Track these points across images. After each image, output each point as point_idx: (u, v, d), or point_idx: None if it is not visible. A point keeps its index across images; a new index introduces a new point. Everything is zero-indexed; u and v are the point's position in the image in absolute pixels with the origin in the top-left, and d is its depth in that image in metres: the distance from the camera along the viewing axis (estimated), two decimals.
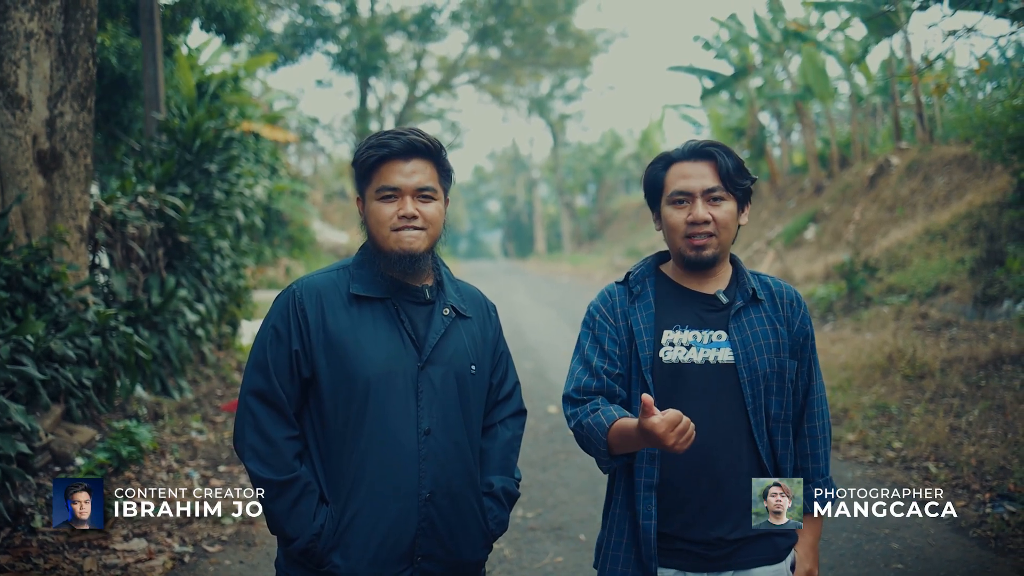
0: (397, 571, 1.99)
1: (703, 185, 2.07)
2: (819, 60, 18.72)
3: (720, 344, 2.07)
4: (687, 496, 2.04)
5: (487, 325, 2.24)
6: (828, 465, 2.14)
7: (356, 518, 1.98)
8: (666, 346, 2.09)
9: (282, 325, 2.04)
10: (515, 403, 2.30)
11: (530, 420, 7.29)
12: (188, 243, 7.79)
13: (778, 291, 2.16)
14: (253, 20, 10.96)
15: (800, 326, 2.14)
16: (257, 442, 2.00)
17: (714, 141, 2.13)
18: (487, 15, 27.55)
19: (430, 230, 2.06)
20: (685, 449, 1.82)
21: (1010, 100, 10.00)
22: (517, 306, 18.11)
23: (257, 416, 2.01)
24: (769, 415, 2.07)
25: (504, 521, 2.17)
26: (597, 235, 42.48)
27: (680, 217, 2.09)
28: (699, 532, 2.03)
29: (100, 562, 4.03)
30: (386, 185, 2.03)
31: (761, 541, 2.05)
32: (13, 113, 5.38)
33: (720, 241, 2.09)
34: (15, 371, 4.51)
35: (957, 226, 11.58)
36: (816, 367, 2.17)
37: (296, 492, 1.97)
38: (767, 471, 2.05)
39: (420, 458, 2.00)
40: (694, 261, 2.09)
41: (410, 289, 2.09)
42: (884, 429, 6.25)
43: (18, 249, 5.19)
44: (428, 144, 2.06)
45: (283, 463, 1.98)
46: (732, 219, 2.10)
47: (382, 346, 2.02)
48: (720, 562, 2.04)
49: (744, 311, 2.11)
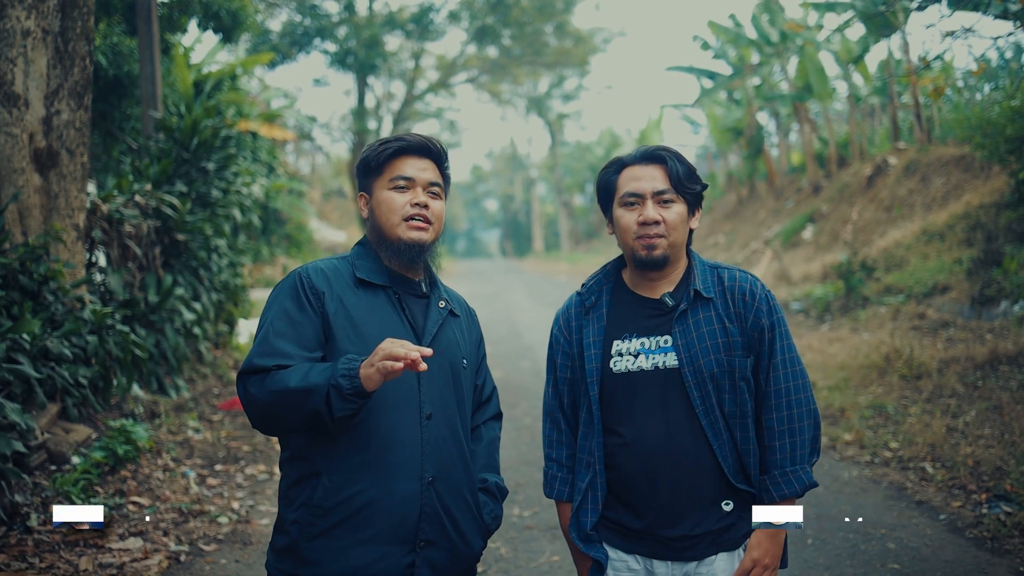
0: (400, 554, 1.99)
1: (653, 187, 2.12)
2: (817, 60, 18.73)
3: (666, 349, 2.10)
4: (648, 498, 2.10)
5: (472, 326, 2.32)
6: (795, 457, 2.09)
7: (361, 496, 1.97)
8: (615, 356, 2.14)
9: (292, 303, 2.03)
10: (495, 406, 2.37)
11: (527, 419, 7.29)
12: (185, 241, 7.78)
13: (731, 286, 2.14)
14: (250, 19, 10.94)
15: (755, 320, 2.11)
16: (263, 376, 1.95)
17: (665, 147, 2.18)
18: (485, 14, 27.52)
19: (436, 225, 2.14)
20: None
21: (1008, 101, 10.01)
22: (515, 305, 18.11)
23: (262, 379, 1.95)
24: (724, 413, 2.08)
25: (499, 516, 2.22)
26: (595, 234, 42.50)
27: (631, 218, 2.13)
28: (664, 530, 2.10)
29: (96, 561, 4.02)
30: (401, 174, 2.11)
31: (722, 532, 2.11)
32: (10, 111, 5.37)
33: (670, 242, 2.12)
34: (11, 369, 4.50)
35: (954, 226, 11.59)
36: (781, 358, 2.11)
37: (307, 365, 1.94)
38: (725, 470, 2.08)
39: (423, 441, 2.03)
40: (645, 260, 2.12)
41: (408, 282, 2.15)
42: (881, 429, 6.25)
43: (14, 247, 5.18)
44: (439, 149, 2.17)
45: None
46: (682, 221, 2.13)
47: (387, 330, 2.05)
48: (685, 552, 2.10)
49: (689, 312, 2.11)
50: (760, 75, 21.97)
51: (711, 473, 2.08)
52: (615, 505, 2.16)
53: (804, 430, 2.11)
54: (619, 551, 2.16)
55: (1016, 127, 9.35)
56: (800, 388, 2.12)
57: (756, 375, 2.12)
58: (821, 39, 18.77)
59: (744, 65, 21.73)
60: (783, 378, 2.11)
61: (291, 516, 2.02)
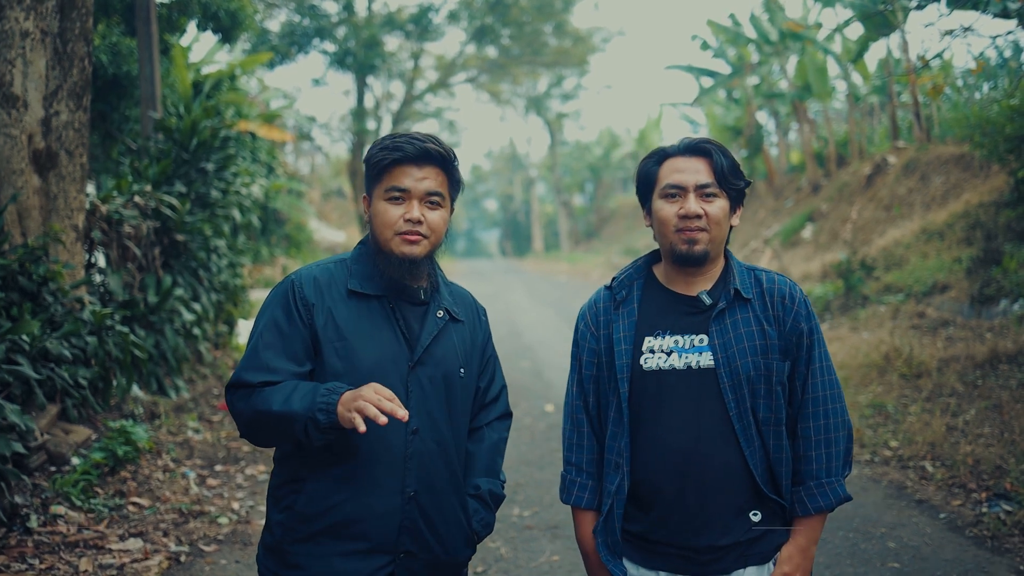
0: (379, 563, 1.99)
1: (697, 180, 2.03)
2: (817, 59, 18.73)
3: (702, 348, 2.02)
4: (674, 504, 2.01)
5: (477, 329, 2.25)
6: (830, 468, 2.02)
7: (342, 508, 1.98)
8: (647, 353, 2.05)
9: (282, 314, 2.02)
10: (501, 406, 2.32)
11: (527, 419, 7.29)
12: (184, 242, 7.78)
13: (769, 288, 2.06)
14: (249, 19, 10.93)
15: (793, 324, 2.04)
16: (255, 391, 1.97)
17: (711, 139, 2.08)
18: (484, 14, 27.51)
19: (432, 237, 2.06)
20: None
21: (1007, 100, 10.01)
22: (515, 305, 18.11)
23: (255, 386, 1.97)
24: (758, 418, 2.00)
25: (490, 523, 2.18)
26: (594, 234, 42.51)
27: (671, 210, 2.04)
28: (688, 539, 2.00)
29: (96, 562, 4.02)
30: (396, 186, 2.03)
31: (750, 544, 2.01)
32: (9, 112, 5.36)
33: (711, 237, 2.03)
34: (11, 371, 4.50)
35: (954, 225, 11.59)
36: (819, 365, 2.04)
37: (292, 384, 1.95)
38: (756, 476, 1.99)
39: (406, 456, 2.00)
40: (685, 256, 2.03)
41: (407, 289, 2.10)
42: (881, 428, 6.25)
43: (14, 248, 5.17)
44: (443, 152, 2.06)
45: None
46: (724, 216, 2.04)
47: (377, 343, 2.02)
48: (712, 565, 2.01)
49: (728, 312, 2.03)
50: (759, 74, 21.97)
51: (740, 480, 1.99)
52: (637, 515, 2.07)
53: (840, 440, 2.03)
54: (640, 567, 2.07)
55: (1015, 126, 9.35)
56: (837, 397, 2.05)
57: (792, 381, 2.04)
58: (820, 38, 18.77)
59: (743, 64, 21.72)
60: (821, 386, 2.03)
61: (276, 517, 2.04)
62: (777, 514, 2.03)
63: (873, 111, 22.03)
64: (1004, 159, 9.82)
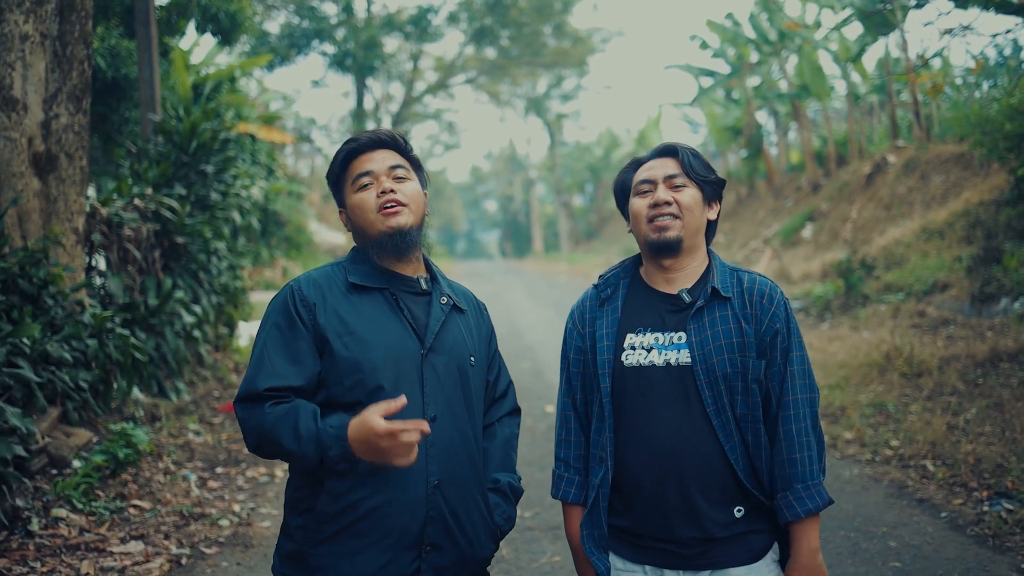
0: (406, 559, 1.97)
1: (665, 172, 2.12)
2: (816, 59, 18.74)
3: (680, 346, 2.05)
4: (656, 497, 2.04)
5: (481, 321, 2.26)
6: (811, 471, 2.02)
7: (365, 503, 1.95)
8: (628, 350, 2.09)
9: (284, 320, 2.02)
10: (510, 402, 2.32)
11: (527, 419, 7.28)
12: (185, 245, 7.78)
13: (749, 288, 2.10)
14: (249, 21, 10.94)
15: (769, 324, 2.06)
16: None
17: (680, 143, 2.18)
18: (484, 15, 27.54)
19: (412, 206, 2.09)
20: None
21: (1007, 98, 10.00)
22: (515, 306, 18.11)
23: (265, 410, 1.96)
24: (736, 414, 2.02)
25: (512, 517, 2.18)
26: (595, 234, 42.52)
27: (643, 203, 2.12)
28: (672, 532, 2.03)
29: (97, 565, 4.02)
30: (360, 172, 2.10)
31: (735, 540, 2.02)
32: (8, 115, 5.37)
33: (684, 224, 2.08)
34: (11, 374, 4.50)
35: (954, 224, 11.59)
36: (795, 367, 2.06)
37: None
38: (737, 471, 2.01)
39: (428, 444, 1.99)
40: (657, 244, 2.08)
41: (406, 280, 2.11)
42: (882, 427, 6.25)
43: (14, 252, 5.18)
44: (391, 137, 2.16)
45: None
46: (696, 204, 2.11)
47: (386, 332, 2.02)
48: (696, 560, 2.02)
49: (706, 310, 2.07)
50: (759, 74, 21.98)
51: (721, 474, 2.01)
52: (622, 510, 2.10)
53: (816, 444, 2.05)
54: (628, 561, 2.10)
55: (1015, 124, 9.35)
56: (815, 401, 2.07)
57: (769, 381, 2.06)
58: (819, 38, 18.78)
59: (743, 64, 21.74)
60: (800, 388, 2.05)
61: (296, 521, 2.01)
62: (761, 512, 2.05)
63: (872, 110, 22.05)
64: (1004, 157, 9.82)
